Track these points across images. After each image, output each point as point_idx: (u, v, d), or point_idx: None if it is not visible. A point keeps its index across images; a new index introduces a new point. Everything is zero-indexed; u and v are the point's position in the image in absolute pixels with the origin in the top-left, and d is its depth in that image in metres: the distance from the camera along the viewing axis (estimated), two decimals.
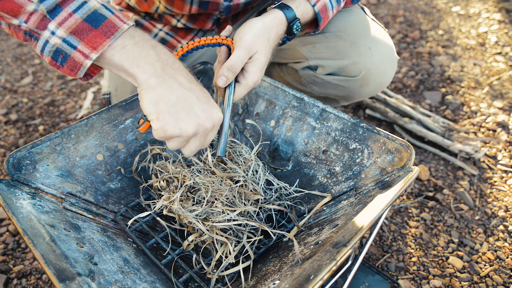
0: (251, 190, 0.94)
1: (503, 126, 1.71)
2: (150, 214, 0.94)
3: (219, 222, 0.87)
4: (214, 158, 0.99)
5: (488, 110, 1.80)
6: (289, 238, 0.88)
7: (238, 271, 0.83)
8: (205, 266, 0.85)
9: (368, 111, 1.80)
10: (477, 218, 1.36)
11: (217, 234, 0.86)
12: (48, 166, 0.87)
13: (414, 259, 1.23)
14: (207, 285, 0.83)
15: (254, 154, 1.03)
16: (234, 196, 0.91)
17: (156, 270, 0.85)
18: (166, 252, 0.88)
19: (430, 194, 1.44)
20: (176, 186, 0.94)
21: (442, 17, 2.56)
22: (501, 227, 1.32)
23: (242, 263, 0.84)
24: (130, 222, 0.92)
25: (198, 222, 0.86)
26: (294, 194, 0.99)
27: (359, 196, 0.87)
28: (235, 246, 0.87)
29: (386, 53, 1.11)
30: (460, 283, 1.16)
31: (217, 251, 0.85)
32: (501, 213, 1.37)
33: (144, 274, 0.80)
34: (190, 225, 0.89)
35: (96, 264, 0.73)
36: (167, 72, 0.71)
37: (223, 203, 0.90)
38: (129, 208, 0.96)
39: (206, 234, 0.86)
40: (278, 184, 0.99)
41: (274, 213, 0.96)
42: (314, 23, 1.03)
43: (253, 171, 0.98)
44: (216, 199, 0.90)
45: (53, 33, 0.67)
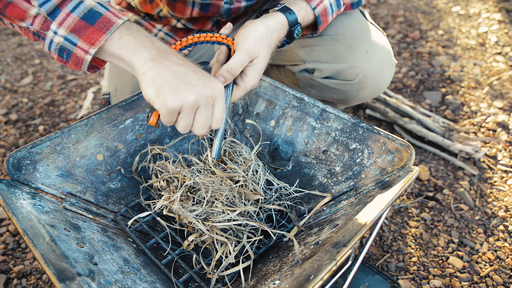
0: (251, 190, 0.94)
1: (503, 126, 1.71)
2: (150, 214, 0.94)
3: (219, 222, 0.87)
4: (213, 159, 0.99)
5: (488, 110, 1.80)
6: (289, 238, 0.88)
7: (238, 271, 0.83)
8: (205, 266, 0.85)
9: (368, 111, 1.80)
10: (477, 218, 1.36)
11: (217, 234, 0.86)
12: (48, 166, 0.87)
13: (414, 259, 1.23)
14: (207, 285, 0.83)
15: (254, 154, 1.03)
16: (234, 196, 0.91)
17: (156, 270, 0.85)
18: (166, 252, 0.88)
19: (430, 194, 1.44)
20: (176, 186, 0.94)
21: (442, 17, 2.57)
22: (501, 227, 1.32)
23: (242, 263, 0.84)
24: (130, 222, 0.92)
25: (198, 222, 0.86)
26: (294, 194, 0.99)
27: (359, 196, 0.87)
28: (235, 246, 0.87)
29: (383, 57, 1.11)
30: (460, 283, 1.16)
31: (217, 251, 0.85)
32: (501, 213, 1.37)
33: (144, 274, 0.80)
34: (190, 225, 0.89)
35: (96, 264, 0.73)
36: (162, 56, 0.74)
37: (223, 203, 0.90)
38: (129, 208, 0.96)
39: (206, 234, 0.86)
40: (278, 184, 0.99)
41: (274, 213, 0.96)
42: (313, 26, 1.02)
43: (253, 171, 0.98)
44: (216, 199, 0.90)
45: (55, 32, 0.73)
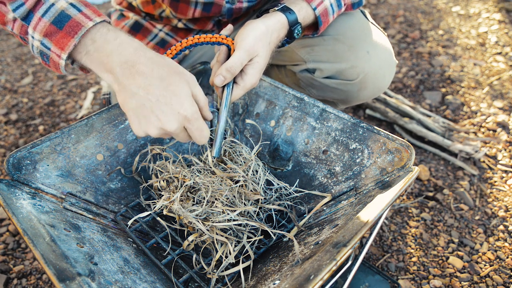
0: (251, 190, 0.94)
1: (503, 126, 1.71)
2: (150, 214, 0.94)
3: (219, 222, 0.87)
4: (214, 158, 0.99)
5: (488, 110, 1.80)
6: (289, 238, 0.88)
7: (238, 271, 0.83)
8: (205, 266, 0.85)
9: (368, 111, 1.80)
10: (477, 218, 1.36)
11: (217, 234, 0.86)
12: (48, 166, 0.87)
13: (414, 259, 1.23)
14: (207, 285, 0.83)
15: (254, 154, 1.03)
16: (234, 196, 0.91)
17: (156, 270, 0.85)
18: (166, 252, 0.88)
19: (430, 194, 1.44)
20: (176, 186, 0.94)
21: (442, 17, 2.56)
22: (501, 227, 1.32)
23: (242, 263, 0.84)
24: (130, 222, 0.92)
25: (198, 222, 0.86)
26: (294, 194, 0.99)
27: (359, 196, 0.87)
28: (235, 246, 0.87)
29: (384, 57, 1.11)
30: (460, 283, 1.16)
31: (217, 251, 0.85)
32: (501, 213, 1.37)
33: (144, 274, 0.80)
34: (190, 225, 0.89)
35: (96, 264, 0.73)
36: (126, 75, 0.69)
37: (223, 203, 0.90)
38: (129, 208, 0.96)
39: (206, 234, 0.86)
40: (278, 184, 0.99)
41: (274, 213, 0.96)
42: (314, 26, 1.02)
43: (253, 171, 0.98)
44: (216, 199, 0.90)
45: (33, 37, 0.72)
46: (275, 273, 0.76)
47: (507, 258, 1.23)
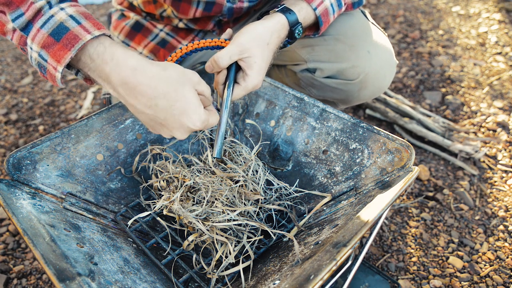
0: (251, 190, 0.94)
1: (503, 126, 1.71)
2: (150, 214, 0.94)
3: (219, 222, 0.87)
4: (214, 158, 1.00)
5: (488, 110, 1.80)
6: (289, 238, 0.88)
7: (238, 271, 0.83)
8: (205, 266, 0.85)
9: (368, 111, 1.80)
10: (477, 218, 1.36)
11: (217, 234, 0.86)
12: (48, 166, 0.87)
13: (414, 259, 1.23)
14: (207, 285, 0.83)
15: (254, 154, 1.03)
16: (234, 196, 0.91)
17: (156, 270, 0.85)
18: (166, 252, 0.88)
19: (430, 194, 1.44)
20: (176, 186, 0.94)
21: (442, 17, 2.56)
22: (501, 227, 1.32)
23: (242, 263, 0.84)
24: (130, 222, 0.92)
25: (198, 222, 0.86)
26: (294, 194, 0.99)
27: (359, 196, 0.87)
28: (235, 246, 0.87)
29: (385, 57, 1.11)
30: (460, 283, 1.16)
31: (217, 251, 0.85)
32: (501, 213, 1.37)
33: (144, 274, 0.80)
34: (190, 225, 0.89)
35: (96, 264, 0.73)
36: (129, 95, 0.70)
37: (223, 203, 0.90)
38: (129, 208, 0.96)
39: (206, 234, 0.86)
40: (278, 184, 0.99)
41: (274, 213, 0.96)
42: (314, 26, 1.02)
43: (253, 171, 0.98)
44: (216, 199, 0.90)
45: (31, 48, 0.71)
46: (275, 273, 0.76)
47: (507, 258, 1.22)
